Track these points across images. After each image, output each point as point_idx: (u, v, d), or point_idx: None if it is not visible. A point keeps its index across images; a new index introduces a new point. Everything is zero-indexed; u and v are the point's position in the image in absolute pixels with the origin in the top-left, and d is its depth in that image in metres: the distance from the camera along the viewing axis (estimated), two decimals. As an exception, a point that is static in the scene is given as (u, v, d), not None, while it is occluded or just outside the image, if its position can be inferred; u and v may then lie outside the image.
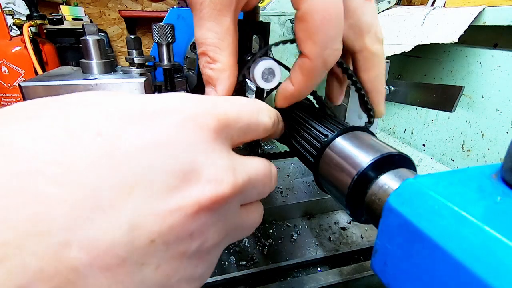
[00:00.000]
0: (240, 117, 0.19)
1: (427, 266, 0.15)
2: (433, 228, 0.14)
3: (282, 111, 0.29)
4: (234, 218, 0.19)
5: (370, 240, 0.51)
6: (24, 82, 0.40)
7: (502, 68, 0.57)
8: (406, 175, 0.21)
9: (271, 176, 0.22)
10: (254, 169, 0.20)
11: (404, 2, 1.38)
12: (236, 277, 0.42)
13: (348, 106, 0.47)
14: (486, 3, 0.59)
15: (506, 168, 0.15)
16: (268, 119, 0.22)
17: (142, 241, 0.14)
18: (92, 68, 0.46)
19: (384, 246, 0.18)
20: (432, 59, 0.72)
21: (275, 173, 0.23)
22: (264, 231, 0.52)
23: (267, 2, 0.98)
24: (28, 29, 1.50)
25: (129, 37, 0.49)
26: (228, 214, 0.18)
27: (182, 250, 0.15)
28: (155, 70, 0.53)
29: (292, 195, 0.57)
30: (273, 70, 0.29)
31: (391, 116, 0.87)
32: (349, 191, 0.22)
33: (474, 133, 0.63)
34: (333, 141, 0.26)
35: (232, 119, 0.19)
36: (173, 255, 0.15)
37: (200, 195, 0.15)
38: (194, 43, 0.80)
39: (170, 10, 0.89)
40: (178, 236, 0.15)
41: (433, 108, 0.41)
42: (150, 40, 2.88)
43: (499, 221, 0.13)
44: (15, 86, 1.52)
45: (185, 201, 0.15)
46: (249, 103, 0.21)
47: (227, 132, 0.18)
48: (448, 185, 0.16)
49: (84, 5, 2.67)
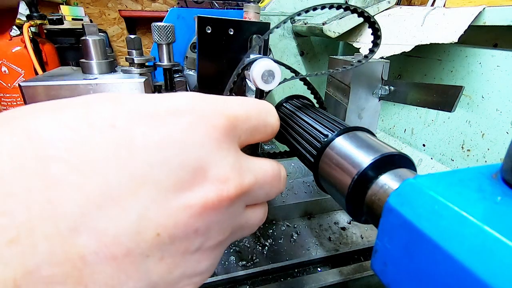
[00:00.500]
0: (248, 118, 0.19)
1: (427, 266, 0.15)
2: (433, 228, 0.14)
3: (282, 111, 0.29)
4: (239, 217, 0.19)
5: (370, 240, 0.51)
6: (24, 82, 0.40)
7: (502, 68, 0.57)
8: (406, 175, 0.21)
9: (280, 178, 0.22)
10: (262, 170, 0.20)
11: (404, 2, 1.38)
12: (236, 277, 0.42)
13: (348, 106, 0.47)
14: (486, 3, 0.59)
15: (506, 168, 0.15)
16: (275, 120, 0.22)
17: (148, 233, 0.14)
18: (92, 68, 0.46)
19: (384, 246, 0.18)
20: (432, 59, 0.72)
21: (284, 175, 0.23)
22: (264, 231, 0.52)
23: (267, 2, 0.98)
24: (28, 29, 1.50)
25: (129, 37, 0.49)
26: (233, 214, 0.18)
27: (186, 245, 0.16)
28: (155, 70, 0.53)
29: (292, 195, 0.57)
30: (273, 72, 0.29)
31: (391, 116, 0.87)
32: (349, 191, 0.22)
33: (474, 133, 0.63)
34: (333, 141, 0.26)
35: (241, 120, 0.19)
36: (177, 250, 0.15)
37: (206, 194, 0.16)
38: (194, 43, 0.80)
39: (170, 10, 0.89)
40: (183, 232, 0.15)
41: (433, 108, 0.41)
42: (150, 40, 2.88)
43: (499, 221, 0.13)
44: (15, 86, 1.52)
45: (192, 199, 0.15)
46: (258, 105, 0.21)
47: (235, 132, 0.18)
48: (448, 185, 0.16)
49: (84, 5, 2.67)
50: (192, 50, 0.81)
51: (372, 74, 0.47)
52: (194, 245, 0.16)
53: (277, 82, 0.29)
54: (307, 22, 0.94)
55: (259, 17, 0.67)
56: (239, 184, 0.17)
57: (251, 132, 0.20)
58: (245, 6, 0.66)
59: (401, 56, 0.66)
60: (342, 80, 0.49)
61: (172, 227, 0.15)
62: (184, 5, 1.70)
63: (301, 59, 1.06)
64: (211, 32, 0.41)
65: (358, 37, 0.81)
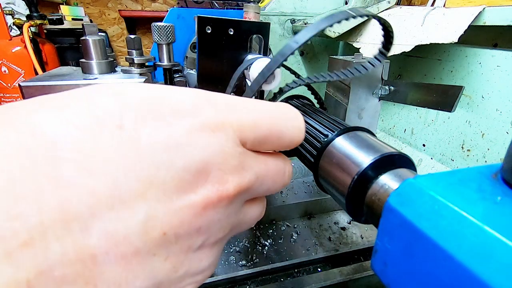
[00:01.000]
0: (256, 127, 0.18)
1: (427, 266, 0.15)
2: (433, 228, 0.14)
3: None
4: (237, 213, 0.20)
5: (370, 240, 0.51)
6: (24, 82, 0.40)
7: (502, 68, 0.57)
8: (406, 175, 0.21)
9: (284, 173, 0.21)
10: (265, 166, 0.20)
11: (404, 2, 1.38)
12: (236, 277, 0.42)
13: (348, 106, 0.47)
14: (486, 3, 0.59)
15: (506, 168, 0.15)
16: (296, 132, 0.20)
17: (156, 233, 0.14)
18: (92, 68, 0.46)
19: (384, 246, 0.18)
20: (432, 59, 0.72)
21: (289, 170, 0.22)
22: (264, 231, 0.52)
23: (267, 2, 0.98)
24: (28, 29, 1.50)
25: (129, 37, 0.49)
26: (232, 211, 0.19)
27: (190, 243, 0.16)
28: (155, 70, 0.53)
29: (292, 195, 0.57)
30: (273, 72, 0.29)
31: (391, 116, 0.87)
32: (349, 191, 0.22)
33: (474, 133, 0.63)
34: (333, 141, 0.26)
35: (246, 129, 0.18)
36: (181, 248, 0.16)
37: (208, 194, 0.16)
38: (194, 43, 0.80)
39: (170, 10, 0.89)
40: (187, 231, 0.16)
41: (433, 108, 0.41)
42: (150, 40, 2.88)
43: (499, 221, 0.13)
44: (15, 86, 1.52)
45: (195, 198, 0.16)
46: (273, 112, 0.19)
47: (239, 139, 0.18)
48: (448, 185, 0.16)
49: (84, 5, 2.67)
50: (192, 50, 0.81)
51: (372, 74, 0.47)
52: (197, 243, 0.17)
53: (277, 82, 0.29)
54: (307, 22, 0.94)
55: (259, 17, 0.67)
56: (238, 184, 0.17)
57: (259, 142, 0.19)
58: (245, 6, 0.66)
59: (401, 56, 0.66)
60: (342, 80, 0.49)
61: (177, 226, 0.15)
62: (184, 5, 1.70)
63: (301, 59, 1.06)
64: (211, 32, 0.41)
65: (358, 37, 0.81)
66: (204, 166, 0.16)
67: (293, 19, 0.99)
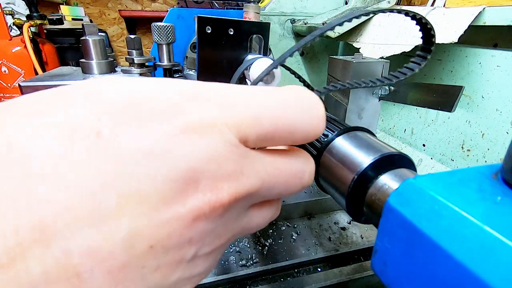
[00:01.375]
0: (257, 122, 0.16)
1: (427, 266, 0.15)
2: (433, 228, 0.14)
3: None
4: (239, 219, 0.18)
5: (370, 240, 0.51)
6: (24, 82, 0.40)
7: (502, 68, 0.57)
8: (406, 175, 0.21)
9: (302, 174, 0.19)
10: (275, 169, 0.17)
11: (404, 2, 1.38)
12: (236, 277, 0.42)
13: (348, 106, 0.47)
14: (486, 3, 0.59)
15: (506, 168, 0.15)
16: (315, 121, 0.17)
17: (141, 246, 0.14)
18: (92, 68, 0.46)
19: (384, 246, 0.18)
20: (432, 59, 0.72)
21: (310, 170, 0.19)
22: (264, 231, 0.52)
23: (267, 2, 0.98)
24: (28, 29, 1.50)
25: (129, 37, 0.49)
26: (231, 218, 0.17)
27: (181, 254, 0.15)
28: (155, 70, 0.53)
29: (292, 195, 0.56)
30: (273, 72, 0.29)
31: (391, 116, 0.87)
32: (349, 191, 0.22)
33: (474, 133, 0.63)
34: (333, 141, 0.26)
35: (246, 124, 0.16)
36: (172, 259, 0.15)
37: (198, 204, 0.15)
38: (194, 43, 0.80)
39: (170, 10, 0.89)
40: (177, 243, 0.15)
41: (433, 108, 0.41)
42: (150, 40, 2.88)
43: (499, 221, 0.13)
44: (15, 86, 1.52)
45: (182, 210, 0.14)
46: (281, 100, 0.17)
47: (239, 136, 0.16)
48: (448, 185, 0.16)
49: (84, 5, 2.67)
50: (192, 50, 0.81)
51: (372, 74, 0.47)
52: (189, 254, 0.16)
53: (277, 82, 0.29)
54: (307, 22, 0.94)
55: (259, 17, 0.67)
56: (234, 192, 0.16)
57: (264, 139, 0.17)
58: (245, 6, 0.66)
59: (401, 56, 0.66)
60: (342, 80, 0.49)
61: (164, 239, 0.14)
62: (184, 5, 1.70)
63: (301, 59, 1.06)
64: (211, 32, 0.41)
65: (358, 37, 0.81)
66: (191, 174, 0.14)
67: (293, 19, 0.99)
